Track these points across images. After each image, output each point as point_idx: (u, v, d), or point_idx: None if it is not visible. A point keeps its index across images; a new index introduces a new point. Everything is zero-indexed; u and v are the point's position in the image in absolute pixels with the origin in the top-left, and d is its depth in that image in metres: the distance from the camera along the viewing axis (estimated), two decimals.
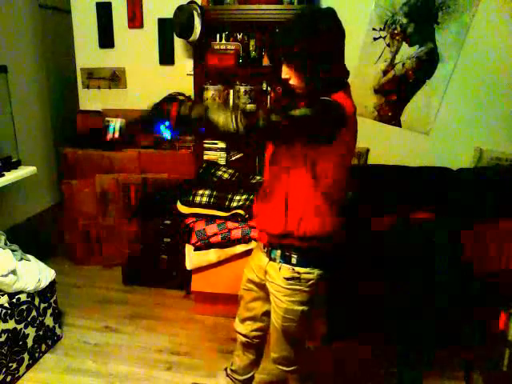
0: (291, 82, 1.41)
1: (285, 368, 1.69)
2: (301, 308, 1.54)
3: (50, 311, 2.35)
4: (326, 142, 1.35)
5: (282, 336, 1.61)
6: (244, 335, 1.78)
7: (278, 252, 1.53)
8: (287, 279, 1.51)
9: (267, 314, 1.71)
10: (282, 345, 1.63)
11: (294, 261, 1.51)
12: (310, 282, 1.52)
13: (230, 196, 2.64)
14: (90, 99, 3.44)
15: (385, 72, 2.93)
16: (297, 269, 1.51)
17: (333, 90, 1.41)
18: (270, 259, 1.56)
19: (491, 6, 2.71)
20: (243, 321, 1.78)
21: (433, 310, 2.29)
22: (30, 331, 2.22)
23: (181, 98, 3.20)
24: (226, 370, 1.95)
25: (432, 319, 2.29)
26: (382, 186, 2.70)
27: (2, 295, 2.07)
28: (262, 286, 1.66)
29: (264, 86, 3.01)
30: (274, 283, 1.55)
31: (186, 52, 3.19)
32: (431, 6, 2.78)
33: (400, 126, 2.99)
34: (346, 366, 2.31)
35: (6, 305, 2.07)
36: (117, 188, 3.15)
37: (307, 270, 1.51)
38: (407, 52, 2.87)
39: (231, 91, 3.04)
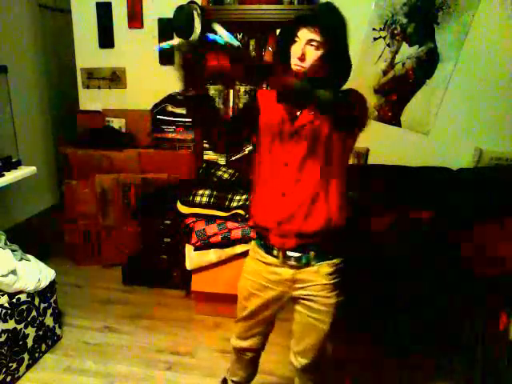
0: (306, 64, 1.35)
1: (313, 376, 1.68)
2: (341, 298, 1.55)
3: (50, 311, 2.35)
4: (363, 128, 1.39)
5: (325, 338, 1.57)
6: (254, 350, 1.72)
7: (312, 254, 1.48)
8: (330, 274, 1.50)
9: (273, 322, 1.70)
10: (321, 348, 1.60)
11: (330, 255, 1.51)
12: (342, 270, 1.54)
13: (229, 196, 2.64)
14: (90, 99, 3.44)
15: (385, 72, 2.93)
16: (334, 261, 1.51)
17: (344, 82, 1.45)
18: (299, 267, 1.50)
19: (491, 5, 2.71)
20: (253, 336, 1.68)
21: (433, 310, 2.29)
22: (30, 331, 2.22)
23: (181, 97, 3.20)
24: (224, 381, 1.87)
25: (432, 319, 2.29)
26: (382, 186, 2.70)
27: (2, 295, 2.07)
28: (279, 299, 1.59)
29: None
30: (316, 284, 1.50)
31: None
32: (431, 6, 2.78)
33: (400, 125, 2.99)
34: (345, 366, 2.31)
35: (6, 305, 2.07)
36: (117, 188, 3.15)
37: (340, 259, 1.53)
38: (407, 52, 2.87)
39: (231, 91, 3.04)
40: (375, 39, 2.88)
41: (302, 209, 1.43)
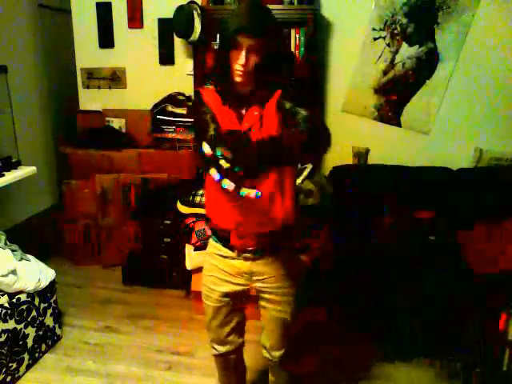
0: (249, 69, 1.34)
1: (288, 366, 1.70)
2: (296, 287, 1.59)
3: (50, 311, 2.35)
4: None
5: (290, 326, 1.61)
6: (235, 350, 1.70)
7: (266, 247, 1.52)
8: (285, 264, 1.55)
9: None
10: (290, 336, 1.64)
11: (283, 247, 1.56)
12: (295, 260, 1.65)
13: None
14: (90, 99, 3.44)
15: (385, 72, 2.93)
16: (287, 252, 1.58)
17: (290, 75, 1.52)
18: (254, 259, 1.53)
19: (491, 5, 2.71)
20: (228, 336, 1.66)
21: (433, 310, 2.29)
22: (30, 331, 2.22)
23: (180, 97, 3.21)
24: None
25: (432, 319, 2.29)
26: (382, 186, 2.70)
27: (2, 295, 2.07)
28: (240, 292, 1.58)
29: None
30: (272, 276, 1.53)
31: (186, 52, 3.19)
32: (431, 6, 2.78)
33: (400, 126, 2.99)
34: (345, 366, 2.31)
35: (6, 305, 2.07)
36: (117, 188, 3.15)
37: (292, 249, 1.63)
38: (407, 52, 2.87)
39: None
40: (375, 39, 2.88)
41: (260, 210, 1.44)
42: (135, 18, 3.21)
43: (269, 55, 1.34)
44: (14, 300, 2.11)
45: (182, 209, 2.69)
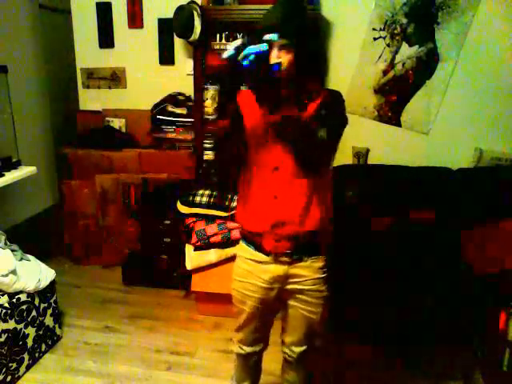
0: (283, 68, 1.33)
1: (305, 364, 1.69)
2: (329, 290, 1.57)
3: (49, 311, 2.35)
4: None
5: (317, 326, 1.59)
6: (259, 352, 1.70)
7: (303, 249, 1.49)
8: (322, 268, 1.52)
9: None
10: (314, 334, 1.63)
11: (320, 250, 1.53)
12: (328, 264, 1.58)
13: (230, 196, 2.64)
14: (90, 99, 3.44)
15: (385, 72, 2.92)
16: (324, 256, 1.52)
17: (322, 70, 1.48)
18: (292, 263, 1.49)
19: (491, 5, 2.71)
20: (257, 339, 1.66)
21: (433, 309, 2.29)
22: (30, 331, 2.22)
23: (180, 97, 3.21)
24: None
25: (432, 319, 2.29)
26: (382, 186, 2.70)
27: (2, 295, 2.07)
28: (277, 297, 1.56)
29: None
30: (309, 279, 1.50)
31: (186, 52, 3.19)
32: (431, 5, 2.78)
33: (400, 126, 2.99)
34: (346, 366, 2.31)
35: (6, 305, 2.07)
36: (117, 188, 3.15)
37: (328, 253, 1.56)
38: (407, 52, 2.87)
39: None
40: (375, 39, 2.88)
41: (297, 211, 1.42)
42: (135, 18, 3.21)
43: (302, 54, 1.33)
44: (14, 300, 2.11)
45: (182, 209, 2.69)
